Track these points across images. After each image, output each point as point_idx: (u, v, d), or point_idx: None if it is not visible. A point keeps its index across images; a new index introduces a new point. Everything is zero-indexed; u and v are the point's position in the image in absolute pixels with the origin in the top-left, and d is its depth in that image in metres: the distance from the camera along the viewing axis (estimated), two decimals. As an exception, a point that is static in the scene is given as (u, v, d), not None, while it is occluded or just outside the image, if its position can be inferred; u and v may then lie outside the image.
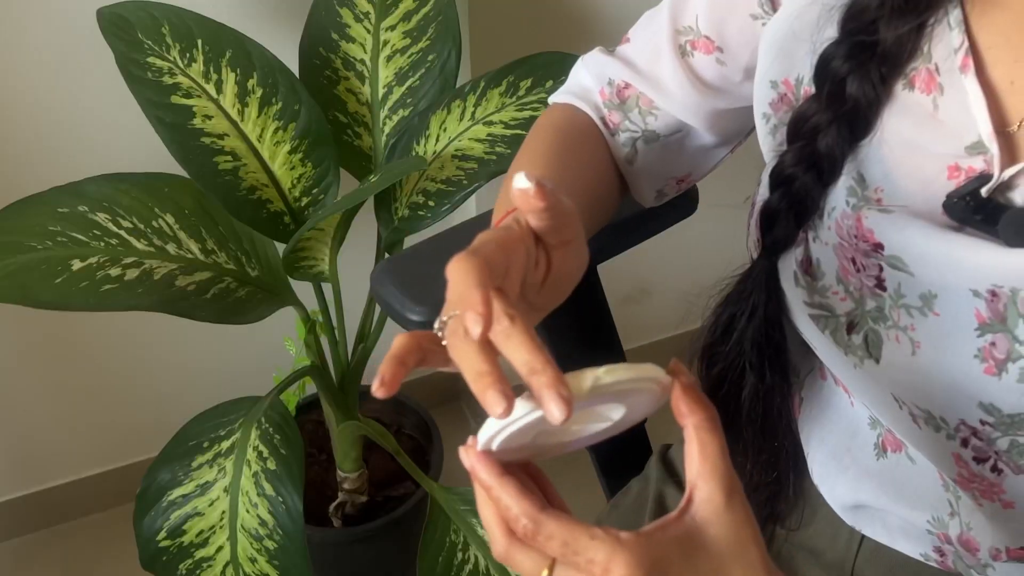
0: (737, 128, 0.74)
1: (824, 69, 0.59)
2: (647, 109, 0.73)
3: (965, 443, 0.58)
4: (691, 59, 0.70)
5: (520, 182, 0.46)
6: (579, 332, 0.95)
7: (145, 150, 1.20)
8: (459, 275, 0.44)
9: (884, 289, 0.58)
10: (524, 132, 1.11)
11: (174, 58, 1.10)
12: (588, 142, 0.75)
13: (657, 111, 0.73)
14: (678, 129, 0.74)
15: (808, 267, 0.63)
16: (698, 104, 0.71)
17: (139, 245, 1.07)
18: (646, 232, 0.87)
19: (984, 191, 0.53)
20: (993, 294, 0.53)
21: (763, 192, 0.66)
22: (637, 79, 0.73)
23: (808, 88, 0.61)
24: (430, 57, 1.17)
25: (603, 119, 0.75)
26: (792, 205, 0.62)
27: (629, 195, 0.79)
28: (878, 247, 0.57)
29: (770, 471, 0.73)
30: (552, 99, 0.80)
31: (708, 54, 0.70)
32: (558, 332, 0.94)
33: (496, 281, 0.45)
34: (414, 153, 1.14)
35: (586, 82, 0.77)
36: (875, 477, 0.69)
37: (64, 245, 1.03)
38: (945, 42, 0.55)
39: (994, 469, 0.59)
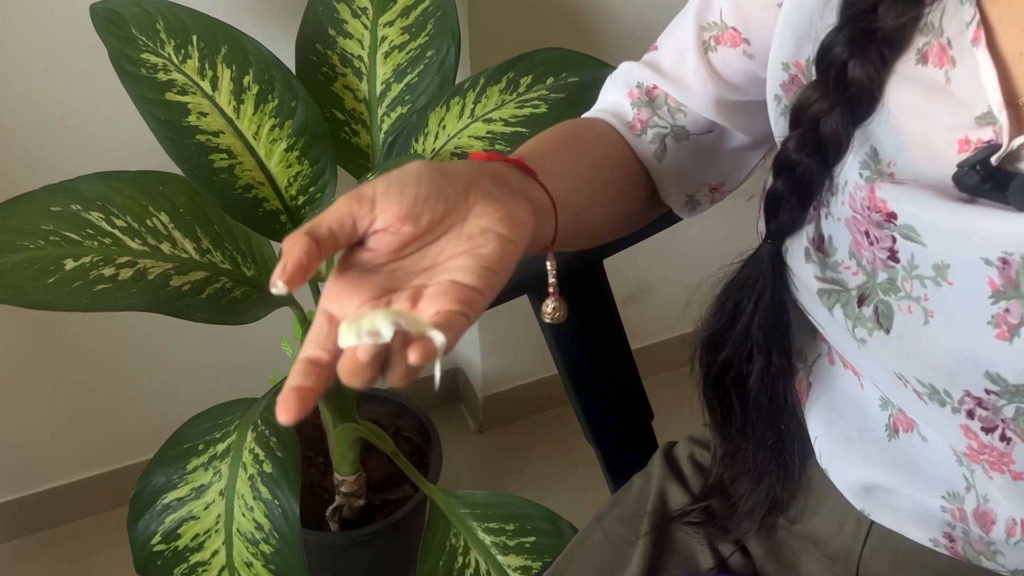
0: (766, 127, 0.74)
1: (825, 57, 0.59)
2: (675, 107, 0.74)
3: (971, 414, 0.59)
4: (713, 54, 0.71)
5: (276, 289, 0.50)
6: (586, 334, 0.95)
7: (139, 147, 1.19)
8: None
9: (897, 261, 0.59)
10: (524, 130, 1.10)
11: (168, 54, 1.09)
12: (595, 134, 0.75)
13: (685, 108, 0.74)
14: (709, 129, 0.74)
15: (820, 244, 0.64)
16: (718, 98, 0.71)
17: (133, 244, 1.06)
18: (650, 228, 0.86)
19: (994, 160, 0.54)
20: (1004, 262, 0.54)
21: (770, 178, 0.66)
22: (663, 81, 0.74)
23: None
24: (429, 53, 1.16)
25: (629, 124, 0.75)
26: (796, 190, 0.63)
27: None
28: (891, 216, 0.58)
29: (776, 456, 0.74)
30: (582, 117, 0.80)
31: (735, 47, 0.69)
32: (566, 337, 0.93)
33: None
34: (412, 151, 1.13)
35: (612, 95, 0.77)
36: (886, 458, 0.70)
37: (57, 244, 1.02)
38: (957, 16, 0.56)
39: (1003, 438, 0.59)
